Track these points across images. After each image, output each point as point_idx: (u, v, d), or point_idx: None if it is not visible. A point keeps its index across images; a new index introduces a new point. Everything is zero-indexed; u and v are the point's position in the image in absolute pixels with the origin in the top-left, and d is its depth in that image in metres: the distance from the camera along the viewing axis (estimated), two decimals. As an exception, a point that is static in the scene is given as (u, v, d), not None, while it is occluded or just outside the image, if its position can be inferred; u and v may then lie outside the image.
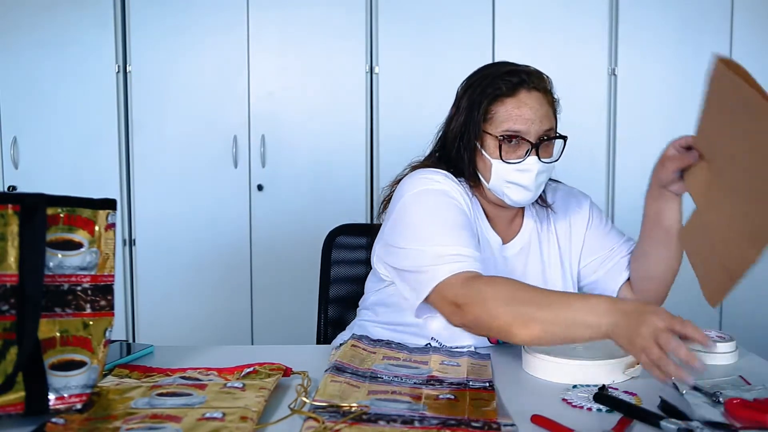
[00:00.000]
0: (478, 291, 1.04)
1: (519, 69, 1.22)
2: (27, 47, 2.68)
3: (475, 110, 1.20)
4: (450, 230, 1.13)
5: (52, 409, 0.83)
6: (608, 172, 2.82)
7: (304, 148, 2.78)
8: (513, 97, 1.18)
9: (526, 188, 1.19)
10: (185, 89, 2.74)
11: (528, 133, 1.17)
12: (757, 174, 0.89)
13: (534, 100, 1.18)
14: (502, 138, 1.18)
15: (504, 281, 1.06)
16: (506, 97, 1.18)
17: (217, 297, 2.80)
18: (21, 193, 0.84)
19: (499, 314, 1.01)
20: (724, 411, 0.85)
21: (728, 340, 1.11)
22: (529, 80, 1.19)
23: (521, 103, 1.18)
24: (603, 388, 0.94)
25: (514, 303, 1.01)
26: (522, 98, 1.18)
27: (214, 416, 0.81)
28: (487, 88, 1.20)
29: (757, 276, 3.14)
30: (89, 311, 0.87)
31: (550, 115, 1.20)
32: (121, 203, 2.75)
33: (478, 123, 1.20)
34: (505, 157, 1.18)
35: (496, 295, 1.03)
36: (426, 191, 1.18)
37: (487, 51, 2.74)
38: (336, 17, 2.74)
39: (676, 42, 2.78)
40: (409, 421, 0.81)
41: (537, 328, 0.98)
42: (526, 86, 1.19)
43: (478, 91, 1.21)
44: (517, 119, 1.17)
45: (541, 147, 1.18)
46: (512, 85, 1.18)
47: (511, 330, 1.00)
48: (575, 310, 0.97)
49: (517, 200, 1.21)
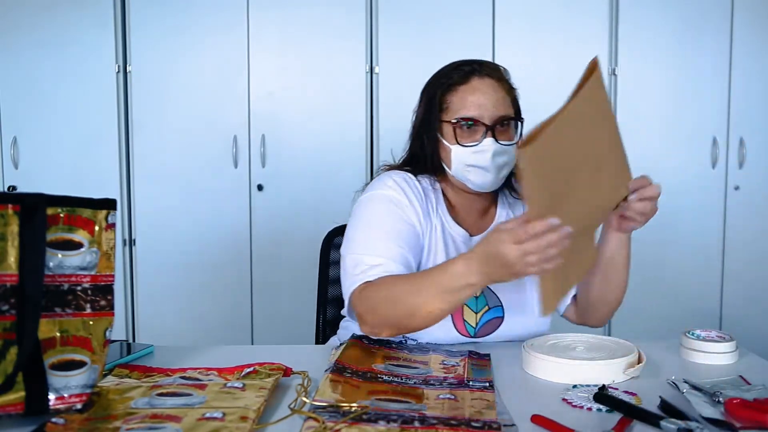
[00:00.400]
0: (368, 299, 1.12)
1: (471, 60, 1.27)
2: (27, 47, 2.69)
3: (432, 102, 1.25)
4: (378, 240, 1.19)
5: (52, 409, 0.83)
6: (608, 172, 2.82)
7: (304, 148, 2.78)
8: (465, 84, 1.23)
9: (485, 169, 1.21)
10: (185, 89, 2.74)
11: (482, 116, 1.20)
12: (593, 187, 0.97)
13: (487, 85, 1.22)
14: (457, 122, 1.21)
15: (383, 282, 1.12)
16: (459, 85, 1.23)
17: (217, 297, 2.80)
18: (21, 193, 0.84)
19: (389, 315, 1.10)
20: (724, 411, 0.85)
21: (728, 340, 1.11)
22: (481, 69, 1.24)
23: (474, 89, 1.22)
24: (603, 388, 0.94)
25: (396, 300, 1.09)
26: (474, 84, 1.22)
27: (214, 416, 0.81)
28: (440, 79, 1.26)
29: (757, 276, 3.15)
30: (89, 311, 0.87)
31: (506, 102, 1.23)
32: (121, 203, 2.75)
33: (436, 114, 1.24)
34: (462, 142, 1.21)
35: (379, 299, 1.11)
36: (372, 197, 1.25)
37: (487, 51, 2.74)
38: (336, 17, 2.74)
39: (676, 42, 2.78)
40: (409, 421, 0.81)
41: (424, 312, 1.06)
42: (478, 74, 1.23)
43: (434, 85, 1.27)
44: (471, 104, 1.21)
45: (497, 131, 1.20)
46: (464, 73, 1.23)
47: (405, 323, 1.09)
48: (446, 285, 1.04)
49: (479, 183, 1.23)
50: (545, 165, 0.92)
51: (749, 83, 2.79)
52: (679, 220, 2.83)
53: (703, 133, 2.81)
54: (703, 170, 2.82)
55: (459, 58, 1.30)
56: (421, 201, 1.25)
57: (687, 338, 1.12)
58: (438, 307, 1.06)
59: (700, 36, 2.77)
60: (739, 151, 2.81)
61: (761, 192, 2.84)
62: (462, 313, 1.24)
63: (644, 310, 2.83)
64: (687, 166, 2.81)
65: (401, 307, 1.08)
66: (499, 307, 1.26)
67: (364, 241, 1.20)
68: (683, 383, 0.95)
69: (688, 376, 0.98)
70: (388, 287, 1.11)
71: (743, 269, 2.86)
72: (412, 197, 1.24)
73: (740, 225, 2.85)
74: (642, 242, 2.82)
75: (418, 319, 1.08)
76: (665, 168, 2.81)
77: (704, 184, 2.83)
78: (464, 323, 1.24)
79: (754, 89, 2.80)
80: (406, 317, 1.08)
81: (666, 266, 2.84)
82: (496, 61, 2.74)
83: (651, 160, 2.82)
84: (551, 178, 0.95)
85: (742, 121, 2.80)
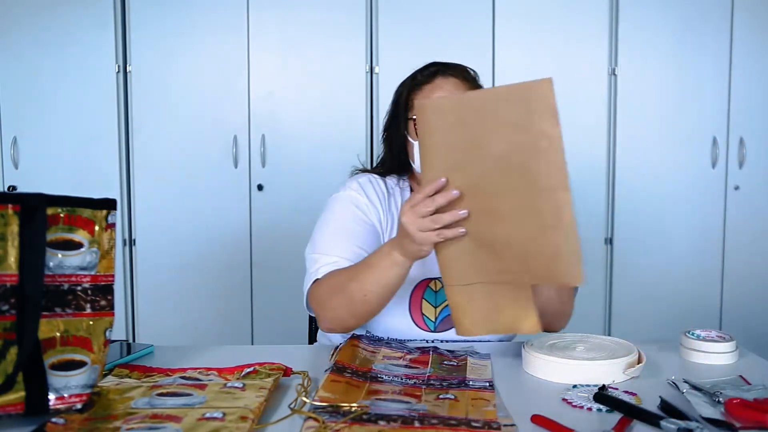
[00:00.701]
0: (317, 296, 1.18)
1: (439, 62, 1.31)
2: (27, 47, 2.69)
3: (400, 102, 1.29)
4: (334, 239, 1.23)
5: (52, 409, 0.83)
6: (608, 172, 2.82)
7: (304, 148, 2.78)
8: (430, 84, 1.27)
9: None
10: (185, 89, 2.74)
11: None
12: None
13: (450, 84, 1.26)
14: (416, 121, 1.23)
15: (329, 276, 1.17)
16: (424, 84, 1.27)
17: (217, 297, 2.80)
18: (21, 193, 0.84)
19: (334, 306, 1.15)
20: (724, 411, 0.85)
21: (728, 340, 1.11)
22: (446, 69, 1.28)
23: (436, 88, 1.26)
24: (603, 388, 0.94)
25: (337, 290, 1.13)
26: (438, 83, 1.26)
27: (214, 416, 0.81)
28: (407, 80, 1.30)
29: (757, 276, 3.14)
30: (89, 311, 0.87)
31: None
32: (121, 203, 2.75)
33: (403, 113, 1.28)
34: None
35: (325, 292, 1.16)
36: (334, 199, 1.30)
37: (487, 51, 2.74)
38: (336, 17, 2.74)
39: (676, 42, 2.78)
40: (409, 421, 0.81)
41: (360, 295, 1.10)
42: (442, 73, 1.27)
43: (402, 85, 1.31)
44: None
45: None
46: (430, 73, 1.28)
47: (351, 312, 1.13)
48: (374, 264, 1.09)
49: None
50: (447, 130, 0.91)
51: (749, 83, 2.79)
52: (679, 220, 2.83)
53: (703, 133, 2.81)
54: (703, 170, 2.82)
55: (459, 59, 1.31)
56: (383, 200, 1.29)
57: (687, 338, 1.12)
58: (370, 290, 1.09)
59: (700, 36, 2.77)
60: (739, 151, 2.81)
61: (761, 192, 2.84)
62: (420, 306, 1.26)
63: (644, 310, 2.84)
64: (687, 166, 2.81)
65: (342, 296, 1.13)
66: None
67: (321, 241, 1.25)
68: (683, 383, 0.95)
69: (688, 376, 0.98)
70: (331, 279, 1.16)
71: (743, 269, 2.86)
72: (373, 198, 1.28)
73: (740, 225, 2.85)
74: (642, 242, 2.84)
75: (358, 305, 1.11)
76: (665, 168, 2.81)
77: (704, 184, 2.83)
78: (423, 317, 1.26)
79: (754, 89, 2.80)
80: (348, 304, 1.12)
81: (666, 266, 2.84)
82: (496, 61, 2.76)
83: (651, 160, 2.82)
84: (451, 147, 0.94)
85: (742, 121, 2.80)
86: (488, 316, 1.02)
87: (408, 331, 1.25)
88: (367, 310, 1.13)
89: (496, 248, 0.96)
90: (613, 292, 2.86)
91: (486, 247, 0.96)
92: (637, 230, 2.83)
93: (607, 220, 2.84)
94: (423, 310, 1.26)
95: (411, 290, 1.27)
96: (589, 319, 2.82)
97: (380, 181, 1.33)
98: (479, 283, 1.00)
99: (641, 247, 2.84)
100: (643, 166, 2.81)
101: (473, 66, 1.33)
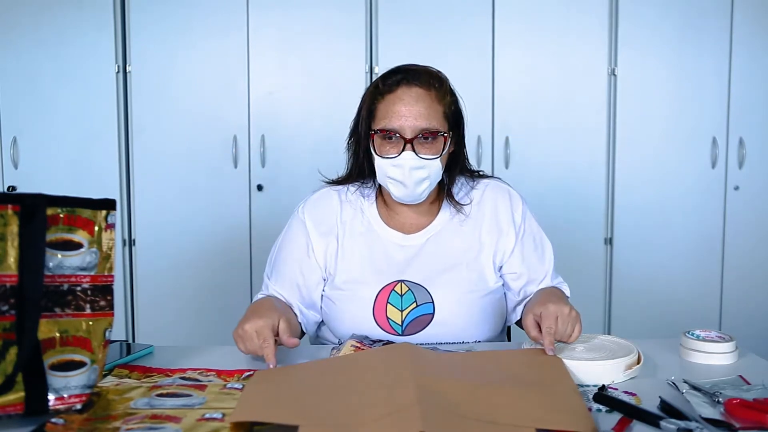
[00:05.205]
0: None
1: (406, 68, 1.25)
2: (27, 47, 2.68)
3: (364, 110, 1.25)
4: (283, 267, 1.33)
5: (52, 410, 0.83)
6: (608, 172, 2.82)
7: (304, 148, 2.77)
8: (391, 94, 1.21)
9: (402, 184, 1.20)
10: (185, 89, 2.74)
11: (402, 128, 1.18)
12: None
13: (412, 96, 1.20)
14: (377, 133, 1.21)
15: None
16: (386, 93, 1.22)
17: (217, 297, 2.80)
18: (21, 193, 0.84)
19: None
20: (723, 411, 0.85)
21: (728, 340, 1.11)
22: (411, 77, 1.21)
23: (397, 99, 1.20)
24: (603, 388, 0.94)
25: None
26: (399, 94, 1.20)
27: (214, 417, 0.81)
28: (371, 87, 1.26)
29: (757, 276, 3.13)
30: (89, 311, 0.87)
31: (431, 112, 1.20)
32: (121, 203, 2.75)
33: (367, 122, 1.24)
34: (383, 153, 1.21)
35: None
36: (289, 222, 1.38)
37: (487, 51, 2.74)
38: (336, 17, 2.74)
39: (676, 42, 2.78)
40: None
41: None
42: (406, 83, 1.21)
43: (368, 91, 1.26)
44: (392, 116, 1.19)
45: (418, 143, 1.18)
46: (393, 82, 1.22)
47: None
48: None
49: (399, 196, 1.23)
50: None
51: (749, 83, 2.79)
52: (678, 220, 2.83)
53: (703, 133, 2.81)
54: (703, 170, 2.82)
55: (459, 58, 1.30)
56: (336, 215, 1.30)
57: (687, 338, 1.12)
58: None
59: (700, 36, 2.77)
60: (738, 151, 2.81)
61: (761, 192, 2.84)
62: (385, 311, 1.23)
63: (644, 310, 2.84)
64: (687, 166, 2.81)
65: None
66: (429, 303, 1.23)
67: (273, 266, 1.35)
68: (683, 383, 0.95)
69: (688, 376, 0.98)
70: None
71: (743, 269, 2.86)
72: (323, 217, 1.31)
73: (740, 225, 2.85)
74: (642, 242, 2.84)
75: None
76: (665, 168, 2.81)
77: (704, 184, 2.83)
78: (388, 321, 1.23)
79: (754, 89, 2.80)
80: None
81: (666, 266, 2.84)
82: (495, 61, 2.76)
83: (651, 160, 2.82)
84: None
85: (742, 121, 2.80)
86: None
87: (373, 335, 1.22)
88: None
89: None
90: (613, 292, 2.86)
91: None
92: (636, 230, 2.83)
93: (607, 220, 2.84)
94: (388, 314, 1.23)
95: (375, 296, 1.24)
96: (589, 319, 2.80)
97: (338, 195, 1.34)
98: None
99: (641, 247, 2.84)
100: (643, 166, 2.81)
101: (473, 66, 1.32)
